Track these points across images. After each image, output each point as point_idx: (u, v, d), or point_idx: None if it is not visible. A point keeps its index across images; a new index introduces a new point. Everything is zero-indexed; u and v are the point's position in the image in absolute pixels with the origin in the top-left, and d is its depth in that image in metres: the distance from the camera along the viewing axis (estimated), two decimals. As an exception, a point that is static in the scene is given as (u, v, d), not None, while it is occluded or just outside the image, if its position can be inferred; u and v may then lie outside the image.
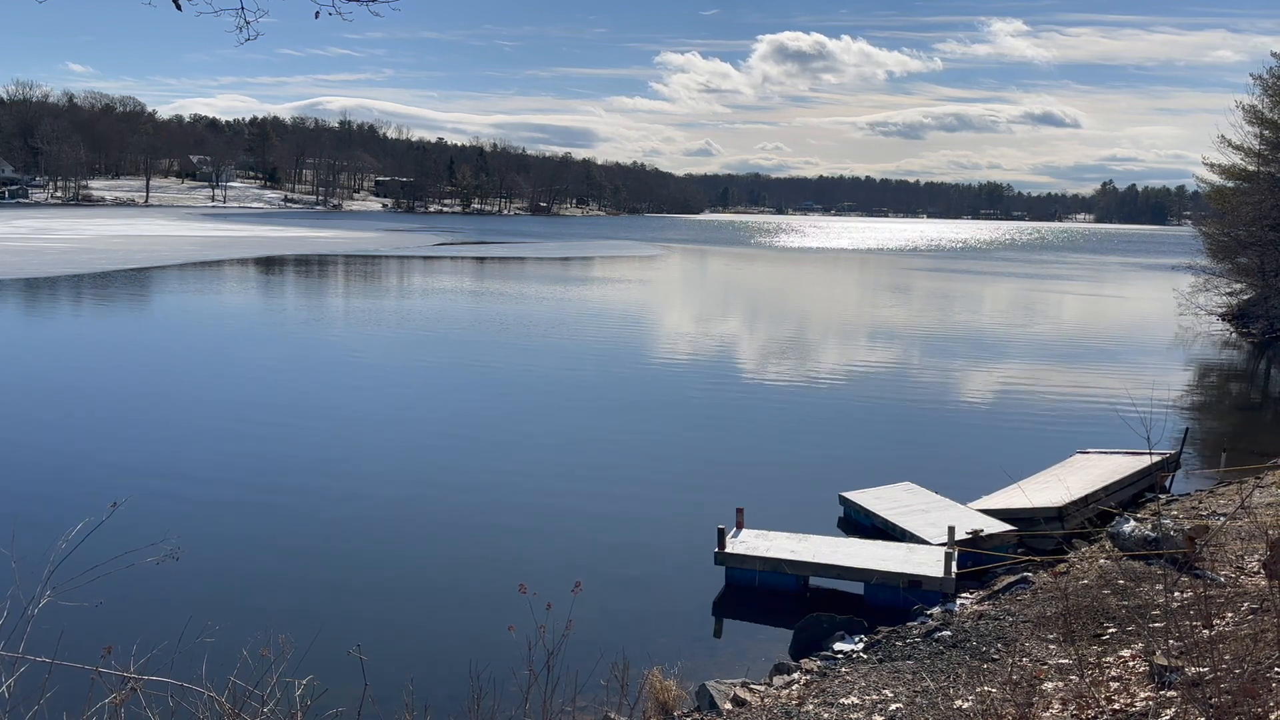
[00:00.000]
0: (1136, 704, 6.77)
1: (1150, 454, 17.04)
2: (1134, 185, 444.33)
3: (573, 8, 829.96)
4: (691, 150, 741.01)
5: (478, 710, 6.88)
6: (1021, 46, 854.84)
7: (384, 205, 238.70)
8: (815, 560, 13.32)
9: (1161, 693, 6.79)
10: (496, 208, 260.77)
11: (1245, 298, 47.18)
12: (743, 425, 23.23)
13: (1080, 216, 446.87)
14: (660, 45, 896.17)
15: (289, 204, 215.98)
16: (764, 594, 13.29)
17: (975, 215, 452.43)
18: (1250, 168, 47.93)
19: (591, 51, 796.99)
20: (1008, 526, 14.67)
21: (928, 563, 12.97)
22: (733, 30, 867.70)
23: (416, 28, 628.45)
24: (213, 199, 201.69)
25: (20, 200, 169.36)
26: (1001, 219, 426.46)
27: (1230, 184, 50.80)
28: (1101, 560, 12.48)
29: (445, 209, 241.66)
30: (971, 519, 14.88)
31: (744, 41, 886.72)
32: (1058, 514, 14.90)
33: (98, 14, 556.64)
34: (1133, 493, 17.08)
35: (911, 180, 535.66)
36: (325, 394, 25.77)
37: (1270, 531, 10.90)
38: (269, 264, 71.74)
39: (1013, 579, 12.48)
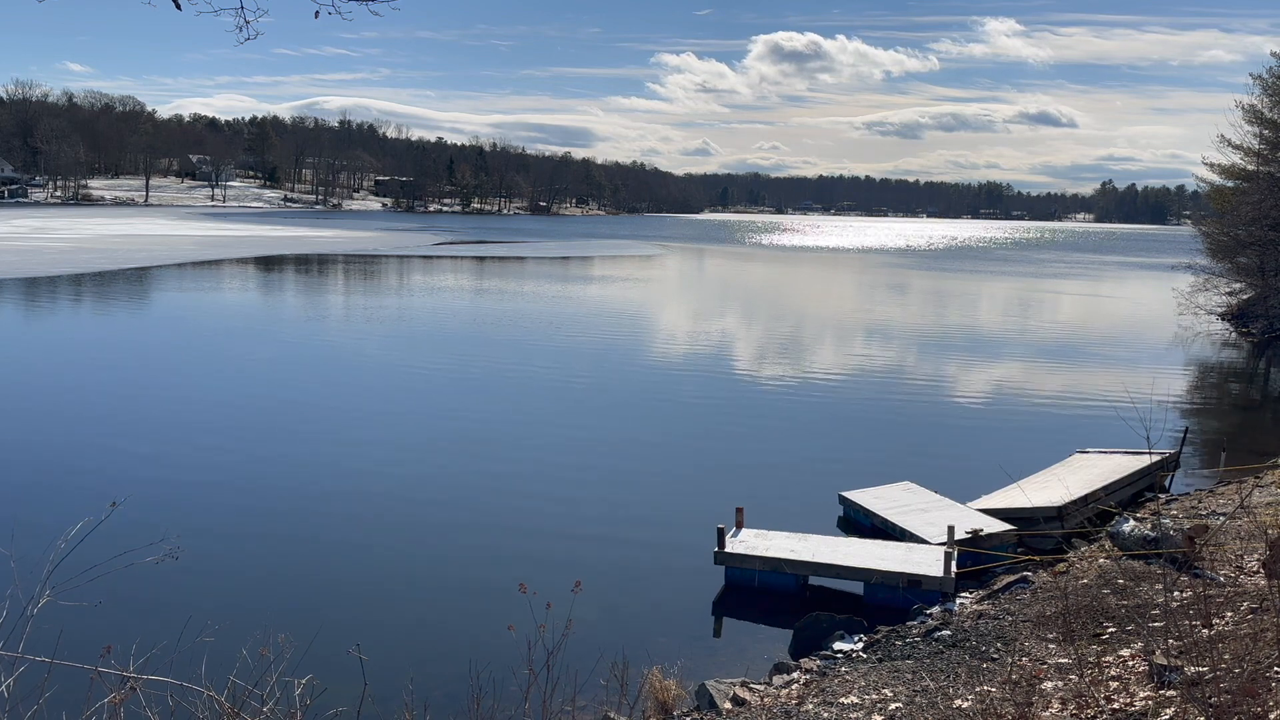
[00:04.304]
0: (1136, 703, 6.77)
1: (1150, 454, 17.04)
2: (1133, 185, 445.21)
3: (565, 8, 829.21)
4: (689, 150, 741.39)
5: (478, 710, 6.88)
6: (1016, 46, 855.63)
7: (384, 205, 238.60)
8: (815, 560, 13.33)
9: (1161, 692, 6.79)
10: (496, 207, 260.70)
11: (1245, 297, 47.15)
12: (743, 425, 23.23)
13: (1080, 216, 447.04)
14: (655, 45, 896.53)
15: (289, 203, 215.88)
16: (764, 594, 13.29)
17: (975, 215, 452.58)
18: (1250, 167, 47.91)
19: (587, 51, 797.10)
20: (1007, 526, 14.67)
21: (927, 562, 12.97)
22: (727, 30, 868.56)
23: (412, 27, 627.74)
24: (212, 198, 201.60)
25: (20, 200, 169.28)
26: (1001, 218, 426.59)
27: (1230, 183, 50.80)
28: (1101, 560, 12.48)
29: (445, 208, 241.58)
30: (971, 519, 14.88)
31: (739, 41, 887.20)
32: (1057, 513, 14.90)
33: (96, 13, 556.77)
34: (1132, 492, 17.09)
35: (911, 180, 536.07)
36: (324, 393, 25.77)
37: (1270, 531, 10.90)
38: (268, 263, 71.73)
39: (1012, 578, 12.48)
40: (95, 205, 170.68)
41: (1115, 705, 6.85)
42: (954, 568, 12.69)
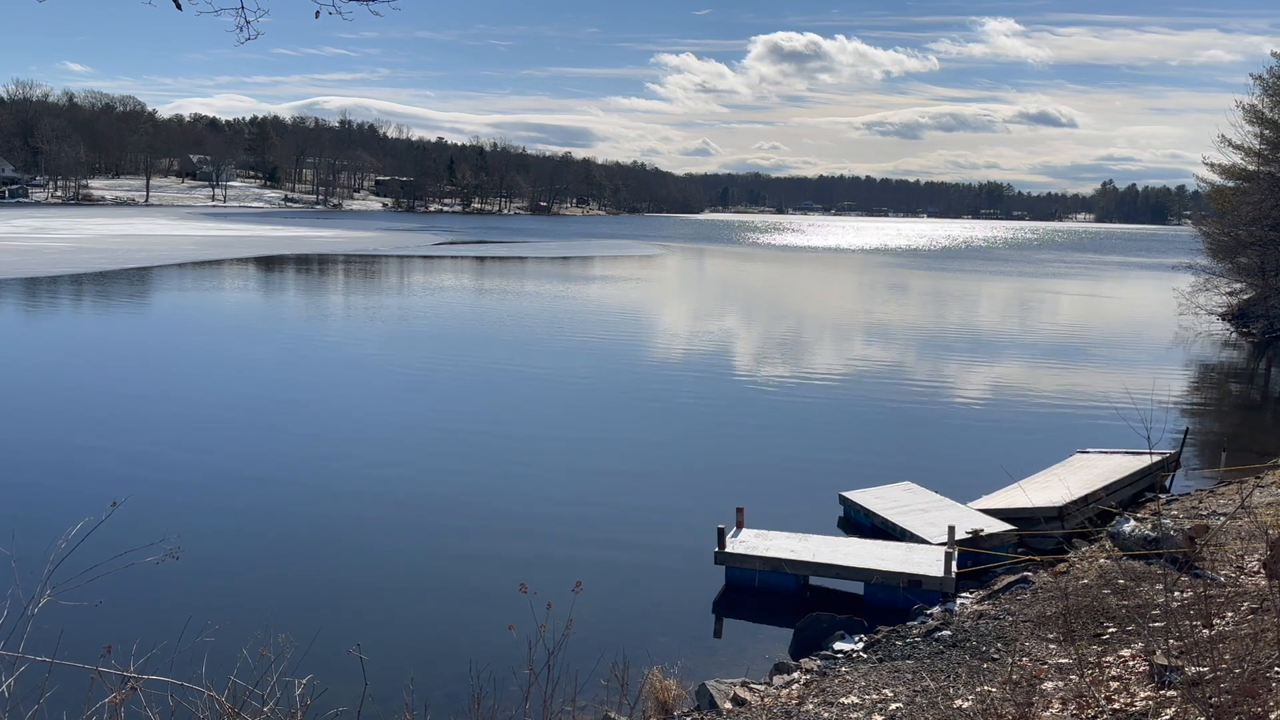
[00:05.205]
0: (1136, 704, 6.77)
1: (1150, 453, 17.04)
2: (1134, 185, 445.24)
3: (564, 8, 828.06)
4: (689, 150, 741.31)
5: (478, 710, 6.88)
6: (1015, 46, 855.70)
7: (384, 205, 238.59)
8: (815, 560, 13.33)
9: (1161, 692, 6.79)
10: (496, 207, 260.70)
11: (1245, 297, 47.14)
12: (743, 425, 23.22)
13: (1080, 216, 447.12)
14: (654, 45, 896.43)
15: (289, 203, 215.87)
16: (764, 594, 13.29)
17: (975, 215, 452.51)
18: (1250, 167, 47.89)
19: (586, 51, 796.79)
20: (1008, 526, 14.67)
21: (928, 562, 12.97)
22: (727, 30, 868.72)
23: (411, 27, 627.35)
24: (213, 198, 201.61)
25: (20, 200, 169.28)
26: (1001, 219, 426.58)
27: (1230, 184, 50.77)
28: (1101, 560, 12.48)
29: (445, 208, 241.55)
30: (971, 519, 14.88)
31: (739, 41, 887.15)
32: (1058, 513, 14.90)
33: (96, 13, 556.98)
34: (1133, 492, 17.08)
35: (911, 180, 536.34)
36: (325, 393, 25.77)
37: (1270, 531, 10.90)
38: (269, 264, 71.74)
39: (1013, 579, 12.48)
40: (95, 205, 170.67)
41: (1116, 705, 6.85)
42: (954, 568, 12.69)
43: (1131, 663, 8.04)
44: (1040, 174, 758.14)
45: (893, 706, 8.33)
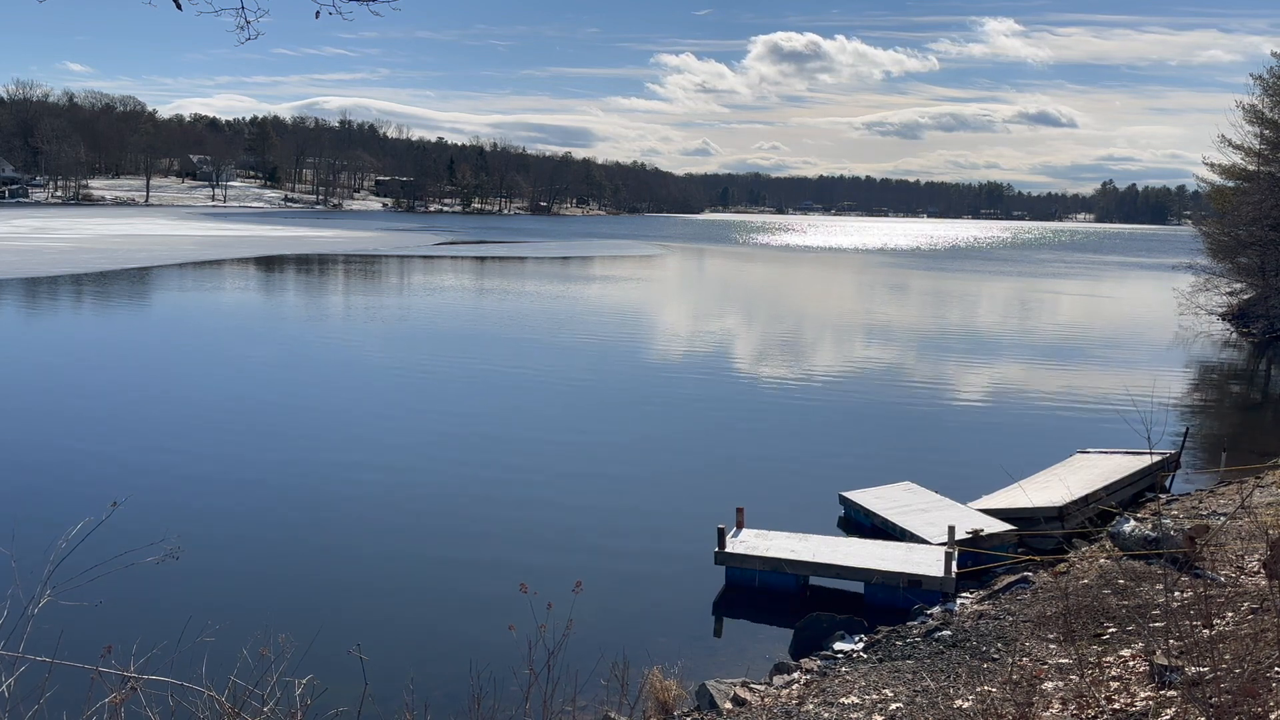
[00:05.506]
0: (1136, 704, 6.77)
1: (1150, 454, 17.04)
2: (1134, 185, 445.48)
3: (564, 8, 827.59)
4: (689, 150, 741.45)
5: (478, 710, 6.88)
6: (1015, 46, 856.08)
7: (384, 205, 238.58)
8: (815, 560, 13.33)
9: (1161, 692, 6.78)
10: (497, 207, 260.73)
11: (1245, 297, 47.13)
12: (743, 425, 23.22)
13: (1080, 216, 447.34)
14: (654, 45, 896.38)
15: (289, 203, 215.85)
16: (764, 594, 13.28)
17: (975, 215, 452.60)
18: (1250, 167, 47.90)
19: (586, 51, 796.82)
20: (1008, 526, 14.67)
21: (928, 562, 12.97)
22: (726, 30, 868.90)
23: (411, 27, 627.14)
24: (213, 198, 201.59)
25: (20, 200, 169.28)
26: (1002, 219, 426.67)
27: (1230, 184, 50.78)
28: (1102, 560, 12.48)
29: (445, 208, 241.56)
30: (971, 519, 14.88)
31: (739, 42, 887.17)
32: (1058, 513, 14.90)
33: (96, 13, 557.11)
34: (1133, 492, 17.08)
35: (911, 180, 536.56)
36: (325, 393, 25.77)
37: (1270, 531, 10.90)
38: (269, 264, 71.74)
39: (1013, 579, 12.48)
40: (96, 205, 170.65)
41: (1116, 705, 6.85)
42: (954, 568, 12.69)
43: (1131, 663, 8.04)
44: (1040, 174, 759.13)
45: (893, 706, 8.33)
